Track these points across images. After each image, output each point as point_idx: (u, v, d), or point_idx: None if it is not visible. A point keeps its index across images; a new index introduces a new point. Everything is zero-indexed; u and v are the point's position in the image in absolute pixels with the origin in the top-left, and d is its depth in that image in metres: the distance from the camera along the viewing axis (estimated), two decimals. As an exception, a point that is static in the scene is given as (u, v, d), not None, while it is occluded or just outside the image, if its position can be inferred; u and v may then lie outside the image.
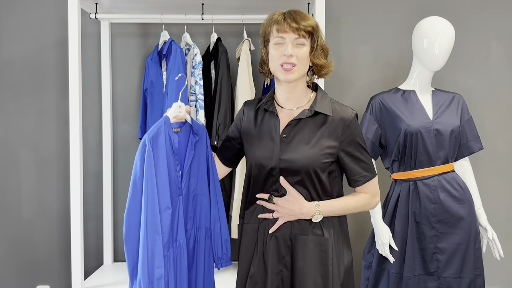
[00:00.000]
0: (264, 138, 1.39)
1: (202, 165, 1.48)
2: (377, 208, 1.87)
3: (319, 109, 1.35)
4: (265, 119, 1.42)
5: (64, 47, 2.38)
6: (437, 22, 1.85)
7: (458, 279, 1.80)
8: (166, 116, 1.36)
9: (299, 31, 1.30)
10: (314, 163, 1.32)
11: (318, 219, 1.34)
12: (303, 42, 1.32)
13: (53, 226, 2.47)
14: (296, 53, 1.31)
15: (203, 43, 2.40)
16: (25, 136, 2.45)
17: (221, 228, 1.51)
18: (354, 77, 2.46)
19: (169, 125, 1.36)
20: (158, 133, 1.32)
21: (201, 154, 1.48)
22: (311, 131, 1.35)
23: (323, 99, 1.39)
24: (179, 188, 1.39)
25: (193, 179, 1.45)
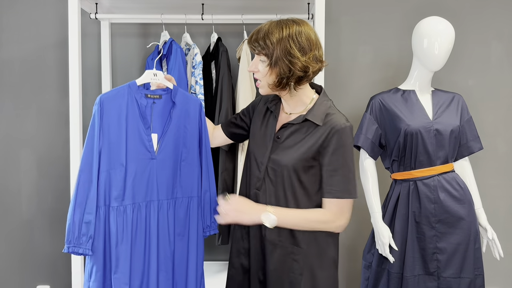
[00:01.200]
0: (264, 135, 1.47)
1: (191, 135, 1.53)
2: (377, 208, 1.88)
3: (310, 118, 1.38)
4: (270, 117, 1.49)
5: (64, 47, 2.38)
6: (437, 22, 1.85)
7: (458, 279, 1.80)
8: (133, 81, 1.46)
9: (255, 49, 1.37)
10: (296, 166, 1.36)
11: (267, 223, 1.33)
12: (263, 58, 1.36)
13: (53, 226, 2.47)
14: (259, 69, 1.38)
15: (203, 43, 2.40)
16: (25, 136, 2.45)
17: (210, 197, 1.57)
18: (354, 77, 2.46)
19: (137, 89, 1.45)
20: (116, 95, 1.42)
21: (188, 123, 1.53)
22: (301, 136, 1.38)
23: (320, 106, 1.40)
24: (149, 152, 1.45)
25: (178, 147, 1.50)
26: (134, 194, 1.43)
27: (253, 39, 1.36)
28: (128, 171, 1.42)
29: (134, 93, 1.44)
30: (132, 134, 1.43)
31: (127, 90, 1.43)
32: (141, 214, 1.43)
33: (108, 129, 1.40)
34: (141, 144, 1.44)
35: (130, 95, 1.43)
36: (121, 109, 1.41)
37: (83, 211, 1.37)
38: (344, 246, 2.44)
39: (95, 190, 1.38)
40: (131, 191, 1.42)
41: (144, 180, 1.44)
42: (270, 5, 2.20)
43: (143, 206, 1.44)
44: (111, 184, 1.40)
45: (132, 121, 1.43)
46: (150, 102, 1.47)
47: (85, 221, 1.37)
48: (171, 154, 1.49)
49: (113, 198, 1.40)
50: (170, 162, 1.49)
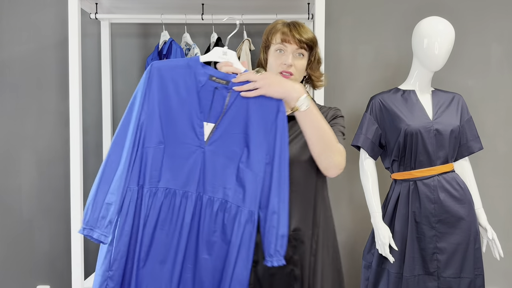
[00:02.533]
0: None
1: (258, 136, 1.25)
2: (377, 208, 1.88)
3: None
4: None
5: (64, 47, 2.38)
6: (437, 22, 1.85)
7: (458, 279, 1.80)
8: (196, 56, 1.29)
9: (301, 43, 1.38)
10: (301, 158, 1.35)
11: (304, 105, 1.22)
12: (303, 53, 1.40)
13: (53, 226, 2.47)
14: (295, 64, 1.39)
15: (203, 43, 2.40)
16: (26, 136, 2.45)
17: (279, 220, 1.25)
18: (354, 77, 2.46)
19: (199, 66, 1.23)
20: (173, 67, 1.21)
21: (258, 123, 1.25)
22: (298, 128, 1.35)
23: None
24: (198, 138, 1.24)
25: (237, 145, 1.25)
26: (170, 179, 1.23)
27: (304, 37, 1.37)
28: (168, 151, 1.23)
29: (194, 68, 1.23)
30: (182, 113, 1.23)
31: (186, 64, 1.23)
32: (174, 202, 1.23)
33: (155, 102, 1.21)
34: (190, 127, 1.24)
35: (189, 70, 1.22)
36: (175, 83, 1.21)
37: (107, 189, 1.19)
38: (344, 246, 2.44)
39: (126, 167, 1.19)
40: (168, 174, 1.23)
41: (186, 167, 1.23)
42: (270, 5, 2.20)
43: (179, 194, 1.23)
44: (148, 162, 1.22)
45: (185, 100, 1.22)
46: (213, 85, 1.24)
47: (106, 202, 1.19)
48: (226, 150, 1.25)
49: (148, 179, 1.22)
50: (222, 158, 1.25)
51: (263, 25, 2.38)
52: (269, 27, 1.45)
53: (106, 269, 1.21)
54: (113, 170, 1.20)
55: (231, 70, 1.24)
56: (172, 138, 1.23)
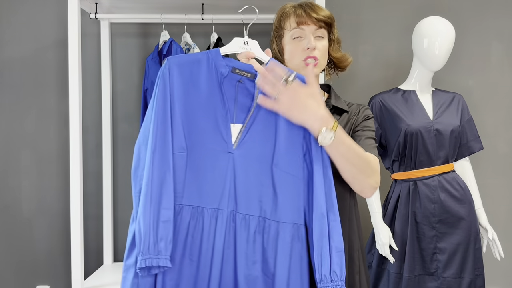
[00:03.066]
0: None
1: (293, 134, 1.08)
2: (377, 208, 1.87)
3: (337, 104, 1.29)
4: None
5: (64, 47, 2.37)
6: (437, 22, 1.85)
7: (458, 279, 1.80)
8: (217, 48, 1.11)
9: (319, 22, 1.22)
10: None
11: (327, 139, 1.03)
12: (322, 33, 1.25)
13: (53, 226, 2.47)
14: (318, 47, 1.23)
15: (203, 43, 2.40)
16: (25, 136, 2.45)
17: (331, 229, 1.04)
18: (354, 77, 2.46)
19: (220, 59, 1.09)
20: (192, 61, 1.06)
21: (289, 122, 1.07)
22: None
23: (337, 98, 1.34)
24: (225, 141, 1.05)
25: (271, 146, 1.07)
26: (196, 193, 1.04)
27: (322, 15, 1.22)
28: (192, 158, 1.04)
29: (214, 60, 1.09)
30: (204, 113, 1.06)
31: (206, 57, 1.09)
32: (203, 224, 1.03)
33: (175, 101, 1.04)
34: (215, 129, 1.05)
35: (209, 64, 1.08)
36: (195, 79, 1.07)
37: (159, 206, 0.99)
38: (344, 246, 2.44)
39: (171, 177, 1.00)
40: (193, 187, 1.04)
41: (214, 178, 1.04)
42: (270, 5, 2.20)
43: (207, 214, 1.03)
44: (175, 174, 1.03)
45: (207, 96, 1.06)
46: (236, 79, 1.09)
47: (162, 220, 0.98)
48: (258, 154, 1.07)
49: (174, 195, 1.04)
50: (255, 163, 1.06)
51: (263, 25, 2.38)
52: (279, 13, 1.31)
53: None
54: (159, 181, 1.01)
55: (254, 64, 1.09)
56: (195, 142, 1.04)
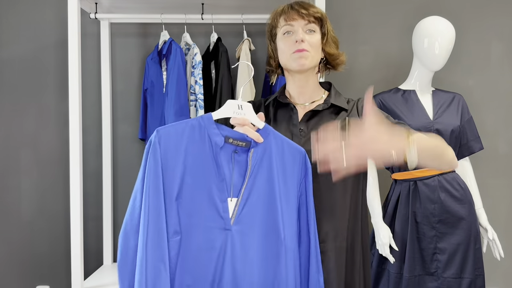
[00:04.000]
0: (280, 131, 1.20)
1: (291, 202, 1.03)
2: (377, 208, 1.87)
3: (335, 102, 1.29)
4: (279, 113, 1.32)
5: (64, 47, 2.37)
6: (437, 22, 1.85)
7: (458, 279, 1.80)
8: (209, 113, 1.02)
9: (308, 17, 1.25)
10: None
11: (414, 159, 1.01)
12: (313, 28, 1.26)
13: (53, 226, 2.46)
14: (308, 39, 1.24)
15: (203, 43, 2.40)
16: (25, 136, 2.45)
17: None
18: (354, 77, 2.46)
19: (211, 124, 1.01)
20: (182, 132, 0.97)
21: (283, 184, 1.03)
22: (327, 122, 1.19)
23: (337, 96, 1.34)
24: (222, 217, 0.98)
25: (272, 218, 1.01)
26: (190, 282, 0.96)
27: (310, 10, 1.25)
28: (184, 243, 0.96)
29: (207, 128, 1.00)
30: (196, 188, 0.97)
31: (198, 124, 1.00)
32: None
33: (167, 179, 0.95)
34: (210, 205, 0.97)
35: (201, 132, 0.99)
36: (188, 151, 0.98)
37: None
38: (344, 246, 2.43)
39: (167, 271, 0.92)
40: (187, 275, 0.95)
41: (210, 261, 0.96)
42: (270, 5, 2.19)
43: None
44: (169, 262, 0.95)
45: (201, 170, 0.98)
46: (231, 149, 1.01)
47: None
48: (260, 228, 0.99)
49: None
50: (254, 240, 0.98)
51: (263, 25, 2.37)
52: (272, 14, 1.34)
53: None
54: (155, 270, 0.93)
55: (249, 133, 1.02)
56: (190, 222, 0.96)
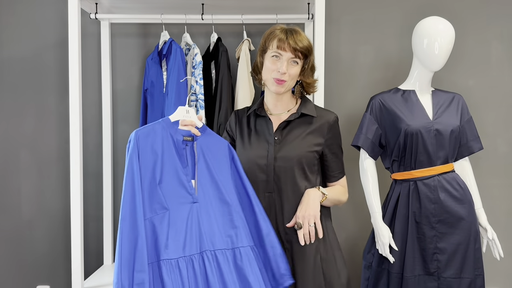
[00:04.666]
0: (258, 140, 1.54)
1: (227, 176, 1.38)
2: (377, 208, 1.88)
3: (305, 111, 1.53)
4: (258, 123, 1.57)
5: (64, 47, 2.38)
6: (437, 22, 1.85)
7: (458, 279, 1.80)
8: (166, 117, 1.34)
9: (296, 52, 1.45)
10: (303, 159, 1.49)
11: (325, 192, 1.48)
12: (297, 60, 1.47)
13: (53, 227, 2.47)
14: (289, 71, 1.46)
15: (203, 43, 2.40)
16: (25, 136, 2.45)
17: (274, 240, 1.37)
18: (354, 77, 2.46)
19: (170, 125, 1.32)
20: (151, 131, 1.28)
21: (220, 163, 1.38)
22: (300, 131, 1.52)
23: (307, 104, 1.57)
24: (190, 194, 1.28)
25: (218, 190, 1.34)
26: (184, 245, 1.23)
27: (299, 46, 1.44)
28: (171, 217, 1.23)
29: (168, 128, 1.31)
30: (170, 174, 1.26)
31: (161, 126, 1.30)
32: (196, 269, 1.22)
33: (146, 170, 1.22)
34: (180, 186, 1.27)
35: (165, 131, 1.29)
36: (157, 147, 1.27)
37: (132, 269, 1.14)
38: (344, 247, 2.44)
39: (143, 241, 1.15)
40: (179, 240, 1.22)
41: (186, 228, 1.24)
42: (270, 5, 2.20)
43: (196, 259, 1.23)
44: (156, 233, 1.20)
45: (169, 160, 1.27)
46: (184, 143, 1.34)
47: (136, 283, 1.12)
48: (213, 198, 1.32)
49: (162, 250, 1.20)
50: (214, 206, 1.31)
51: (263, 25, 2.38)
52: (267, 32, 1.50)
53: None
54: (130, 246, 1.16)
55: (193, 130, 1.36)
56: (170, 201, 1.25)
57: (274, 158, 1.48)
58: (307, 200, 1.44)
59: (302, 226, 1.39)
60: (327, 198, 1.48)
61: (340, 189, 1.59)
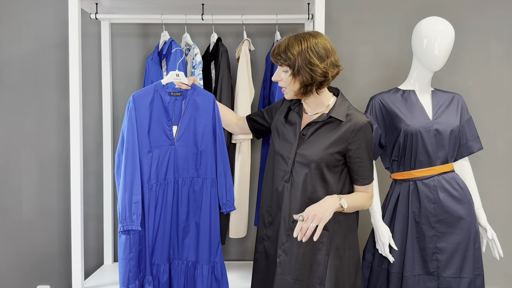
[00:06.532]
0: (288, 133, 1.64)
1: (204, 126, 1.81)
2: (377, 208, 1.88)
3: (334, 115, 1.56)
4: (292, 118, 1.67)
5: (65, 47, 2.38)
6: (436, 22, 1.85)
7: (457, 279, 1.80)
8: (159, 81, 1.76)
9: (278, 62, 1.56)
10: (322, 160, 1.54)
11: (345, 204, 1.51)
12: (285, 69, 1.56)
13: (54, 226, 2.47)
14: (282, 78, 1.57)
15: (203, 43, 2.41)
16: (26, 136, 2.45)
17: (226, 179, 1.85)
18: (354, 77, 2.46)
19: (162, 87, 1.76)
20: (145, 94, 1.73)
21: (202, 117, 1.81)
22: (325, 133, 1.57)
23: (341, 106, 1.59)
24: (169, 139, 1.77)
25: (193, 136, 1.81)
26: (158, 174, 1.75)
27: (275, 53, 1.55)
28: (154, 156, 1.74)
29: (159, 91, 1.74)
30: (156, 125, 1.74)
31: (153, 89, 1.74)
32: (164, 190, 1.76)
33: (139, 122, 1.69)
34: (163, 133, 1.76)
35: (156, 93, 1.73)
36: (148, 105, 1.72)
37: (131, 192, 1.64)
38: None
39: (139, 173, 1.67)
40: (155, 172, 1.74)
41: (165, 162, 1.77)
42: (270, 5, 2.20)
43: (164, 183, 1.77)
44: (143, 169, 1.70)
45: (157, 114, 1.74)
46: (173, 98, 1.77)
47: (134, 201, 1.63)
48: (187, 141, 1.80)
49: (145, 180, 1.71)
50: (186, 148, 1.80)
51: (263, 25, 2.38)
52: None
53: (128, 252, 1.68)
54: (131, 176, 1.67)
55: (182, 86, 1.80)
56: (154, 144, 1.76)
57: (295, 153, 1.58)
58: (323, 203, 1.47)
59: (304, 221, 1.42)
60: (347, 208, 1.52)
61: (364, 196, 1.61)
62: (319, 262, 1.55)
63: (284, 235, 1.59)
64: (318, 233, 1.42)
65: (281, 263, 1.57)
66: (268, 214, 1.67)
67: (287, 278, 1.56)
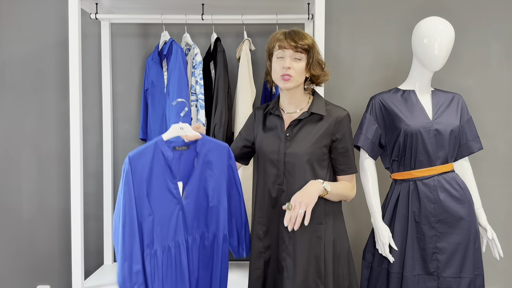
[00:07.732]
0: (271, 136, 1.64)
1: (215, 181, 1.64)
2: (377, 208, 1.88)
3: (315, 110, 1.61)
4: (272, 121, 1.68)
5: (65, 47, 2.38)
6: (436, 22, 1.85)
7: (457, 279, 1.80)
8: (160, 136, 1.57)
9: (296, 49, 1.54)
10: (312, 155, 1.57)
11: (328, 187, 1.53)
12: (300, 57, 1.56)
13: (54, 226, 2.47)
14: (294, 66, 1.56)
15: (204, 43, 2.41)
16: (26, 136, 2.45)
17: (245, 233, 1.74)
18: (354, 77, 2.46)
19: (163, 143, 1.55)
20: (143, 152, 1.52)
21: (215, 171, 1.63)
22: (309, 129, 1.60)
23: (318, 102, 1.64)
24: (176, 198, 1.57)
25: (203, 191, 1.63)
26: (163, 238, 1.56)
27: (299, 43, 1.53)
28: (156, 218, 1.55)
29: (160, 147, 1.55)
30: (159, 184, 1.55)
31: (153, 146, 1.55)
32: (171, 254, 1.57)
33: (136, 185, 1.52)
34: (167, 192, 1.57)
35: (156, 150, 1.54)
36: (148, 165, 1.53)
37: (131, 262, 1.50)
38: (344, 246, 2.44)
39: (138, 242, 1.51)
40: (160, 235, 1.55)
41: (173, 223, 1.57)
42: (270, 5, 2.21)
43: (172, 246, 1.58)
44: (144, 233, 1.53)
45: (159, 173, 1.55)
46: (179, 153, 1.58)
47: (134, 272, 1.50)
48: (196, 198, 1.62)
49: (146, 246, 1.53)
50: (195, 205, 1.62)
51: (263, 25, 2.38)
52: (270, 38, 1.62)
53: None
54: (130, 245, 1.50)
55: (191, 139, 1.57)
56: (156, 206, 1.55)
57: (284, 154, 1.59)
58: (307, 189, 1.50)
59: (292, 209, 1.44)
60: (330, 193, 1.54)
61: (347, 185, 1.63)
62: (318, 256, 1.57)
63: (286, 238, 1.59)
64: (308, 218, 1.43)
65: (287, 267, 1.57)
66: (262, 225, 1.65)
67: (294, 280, 1.56)
